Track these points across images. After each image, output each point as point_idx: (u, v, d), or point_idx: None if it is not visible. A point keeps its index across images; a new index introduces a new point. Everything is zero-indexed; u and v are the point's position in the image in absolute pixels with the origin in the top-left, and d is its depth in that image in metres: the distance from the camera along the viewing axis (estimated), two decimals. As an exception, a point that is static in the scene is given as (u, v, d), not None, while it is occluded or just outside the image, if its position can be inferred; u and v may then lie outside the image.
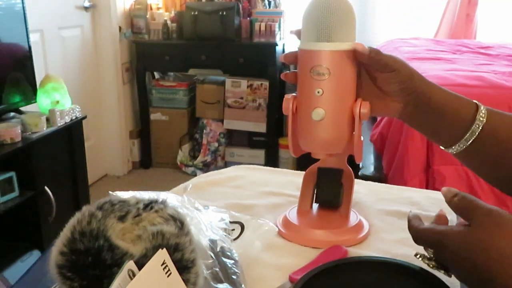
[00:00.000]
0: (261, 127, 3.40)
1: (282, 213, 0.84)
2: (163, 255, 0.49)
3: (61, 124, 2.19)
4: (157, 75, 3.66)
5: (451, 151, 0.67)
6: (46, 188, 2.10)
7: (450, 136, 0.66)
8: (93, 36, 3.23)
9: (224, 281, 0.60)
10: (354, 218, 0.81)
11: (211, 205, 0.84)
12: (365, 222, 0.82)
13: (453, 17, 3.62)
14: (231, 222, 0.77)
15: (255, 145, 3.51)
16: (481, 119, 0.63)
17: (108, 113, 3.38)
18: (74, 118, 2.28)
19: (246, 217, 0.81)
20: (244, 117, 3.41)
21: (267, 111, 3.36)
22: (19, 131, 1.98)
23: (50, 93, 2.19)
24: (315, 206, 0.85)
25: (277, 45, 3.28)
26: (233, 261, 0.65)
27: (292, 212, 0.84)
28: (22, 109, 2.22)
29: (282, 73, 0.75)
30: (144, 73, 3.47)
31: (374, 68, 0.66)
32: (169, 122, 3.50)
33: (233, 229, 0.76)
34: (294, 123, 0.71)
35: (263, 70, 3.30)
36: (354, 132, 0.69)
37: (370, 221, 0.83)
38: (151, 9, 3.52)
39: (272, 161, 3.42)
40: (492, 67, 2.53)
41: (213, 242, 0.65)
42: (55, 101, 2.20)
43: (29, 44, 2.18)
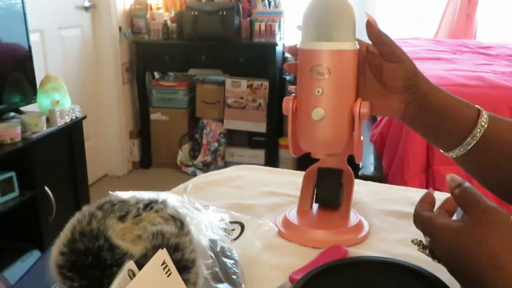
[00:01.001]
0: (261, 127, 3.40)
1: (282, 213, 0.84)
2: (163, 255, 0.49)
3: (61, 124, 2.19)
4: (157, 75, 3.66)
5: (451, 155, 0.67)
6: (46, 188, 2.10)
7: (450, 140, 0.66)
8: (93, 36, 3.23)
9: (224, 281, 0.60)
10: (354, 218, 0.81)
11: (211, 205, 0.84)
12: (365, 222, 0.82)
13: (453, 17, 3.62)
14: (231, 222, 0.77)
15: (255, 145, 3.51)
16: (483, 124, 0.63)
17: (108, 113, 3.38)
18: (74, 118, 2.28)
19: (246, 217, 0.81)
20: (244, 117, 3.41)
21: (267, 111, 3.36)
22: (19, 131, 1.98)
23: (50, 93, 2.19)
24: (315, 206, 0.85)
25: (277, 45, 3.28)
26: (233, 261, 0.65)
27: (292, 212, 0.84)
28: (22, 109, 2.22)
29: (285, 64, 0.75)
30: (144, 73, 3.47)
31: (381, 52, 0.65)
32: (169, 122, 3.51)
33: (233, 229, 0.76)
34: (294, 123, 0.71)
35: (263, 70, 3.30)
36: (354, 132, 0.69)
37: (370, 221, 0.83)
38: (151, 9, 3.52)
39: (272, 161, 3.42)
40: (492, 67, 2.53)
41: (213, 242, 0.65)
42: (55, 101, 2.20)
43: (29, 44, 2.18)
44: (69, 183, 2.34)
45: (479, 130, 0.63)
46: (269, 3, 3.53)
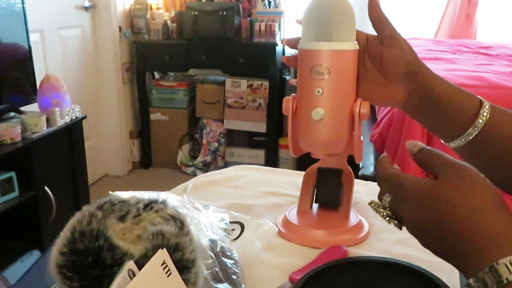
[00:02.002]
0: (261, 127, 3.40)
1: (282, 213, 0.84)
2: (163, 255, 0.49)
3: (61, 124, 2.19)
4: (157, 75, 3.65)
5: (452, 145, 0.67)
6: (46, 188, 2.10)
7: (452, 130, 0.65)
8: (93, 36, 3.23)
9: (224, 281, 0.60)
10: (354, 218, 0.81)
11: (211, 205, 0.84)
12: (365, 222, 0.82)
13: (453, 17, 3.62)
14: (231, 222, 0.77)
15: (255, 145, 3.51)
16: (485, 115, 0.63)
17: (108, 113, 3.38)
18: (74, 118, 2.28)
19: (246, 217, 0.81)
20: (244, 117, 3.41)
21: (267, 111, 3.36)
22: (19, 131, 1.97)
23: (50, 93, 2.19)
24: (315, 206, 0.85)
25: (277, 45, 3.28)
26: (233, 261, 0.65)
27: (292, 212, 0.84)
28: (22, 109, 2.22)
29: (283, 56, 0.74)
30: (144, 73, 3.47)
31: (381, 35, 0.65)
32: (169, 122, 3.50)
33: (233, 229, 0.76)
34: (294, 123, 0.71)
35: (263, 70, 3.30)
36: (354, 132, 0.69)
37: (370, 221, 0.83)
38: (151, 9, 3.52)
39: (272, 161, 3.42)
40: (492, 67, 2.53)
41: (213, 242, 0.65)
42: (55, 101, 2.20)
43: (29, 44, 2.18)
44: (69, 183, 2.34)
45: (480, 120, 0.63)
46: (269, 3, 3.53)
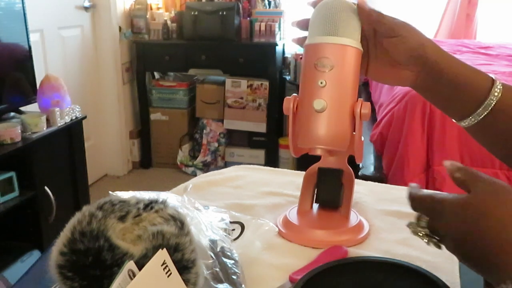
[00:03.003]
0: (261, 127, 3.40)
1: (282, 213, 0.84)
2: (163, 255, 0.49)
3: (61, 124, 2.19)
4: (157, 75, 3.65)
5: (463, 125, 0.66)
6: (46, 188, 2.10)
7: (462, 109, 0.65)
8: (93, 36, 3.23)
9: (224, 281, 0.60)
10: (354, 218, 0.81)
11: (211, 205, 0.84)
12: (365, 222, 0.82)
13: (453, 17, 3.62)
14: (231, 222, 0.77)
15: (255, 145, 3.51)
16: (496, 94, 0.62)
17: (108, 113, 3.38)
18: (74, 118, 2.28)
19: (246, 217, 0.81)
20: (244, 117, 3.41)
21: (267, 111, 3.36)
22: (19, 131, 1.97)
23: (50, 93, 2.19)
24: (315, 206, 0.85)
25: (277, 45, 3.28)
26: (233, 261, 0.65)
27: (292, 212, 0.84)
28: (22, 109, 2.22)
29: (292, 38, 0.73)
30: (144, 73, 3.47)
31: (378, 31, 0.65)
32: (169, 122, 3.50)
33: (233, 229, 0.76)
34: (294, 123, 0.71)
35: (263, 70, 3.30)
36: (354, 132, 0.69)
37: (370, 221, 0.83)
38: (151, 9, 3.52)
39: (272, 161, 3.42)
40: (492, 67, 2.53)
41: (213, 242, 0.65)
42: (55, 101, 2.20)
43: (29, 44, 2.18)
44: (69, 183, 2.34)
45: (491, 100, 0.62)
46: (269, 3, 3.53)
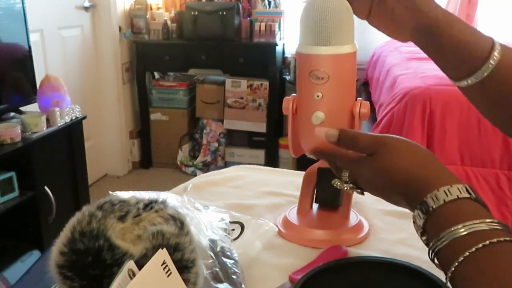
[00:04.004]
0: (261, 127, 3.40)
1: (282, 213, 0.84)
2: (163, 255, 0.49)
3: (61, 124, 2.19)
4: (157, 75, 3.66)
5: (458, 85, 0.66)
6: (46, 188, 2.10)
7: (460, 71, 0.64)
8: (93, 36, 3.23)
9: (224, 281, 0.60)
10: (354, 218, 0.81)
11: (211, 205, 0.84)
12: (365, 222, 0.82)
13: (453, 17, 3.62)
14: (231, 222, 0.77)
15: (255, 145, 3.51)
16: (495, 58, 0.61)
17: (108, 113, 3.38)
18: (74, 118, 2.27)
19: (246, 217, 0.81)
20: (244, 117, 3.41)
21: (267, 111, 3.36)
22: (19, 131, 1.97)
23: (50, 93, 2.19)
24: (315, 206, 0.85)
25: (277, 45, 3.28)
26: (233, 261, 0.65)
27: (292, 212, 0.84)
28: (22, 109, 2.22)
29: None
30: (144, 73, 3.47)
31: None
32: (169, 122, 3.50)
33: (233, 229, 0.76)
34: (294, 123, 0.71)
35: (263, 70, 3.30)
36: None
37: (370, 221, 0.83)
38: (151, 9, 3.52)
39: (272, 161, 3.42)
40: (492, 67, 2.52)
41: (213, 242, 0.65)
42: (55, 101, 2.20)
43: (29, 44, 2.18)
44: (69, 183, 2.34)
45: (490, 65, 0.61)
46: (269, 3, 3.53)
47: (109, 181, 3.41)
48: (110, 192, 0.65)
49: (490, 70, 0.62)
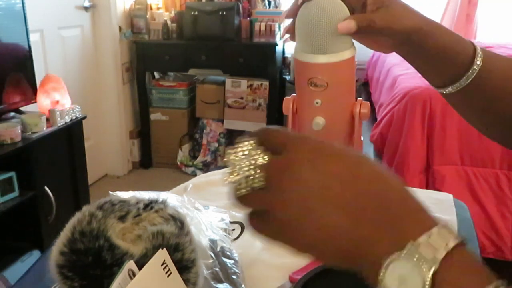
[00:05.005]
0: (261, 127, 3.40)
1: (282, 213, 0.84)
2: (163, 255, 0.49)
3: (61, 124, 2.19)
4: (157, 75, 3.66)
5: (441, 91, 0.66)
6: (46, 188, 2.10)
7: (443, 79, 0.64)
8: (93, 36, 3.23)
9: (224, 281, 0.60)
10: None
11: (211, 205, 0.84)
12: (365, 222, 0.82)
13: (453, 17, 3.62)
14: (231, 222, 0.77)
15: (255, 145, 3.50)
16: (478, 64, 0.62)
17: (108, 113, 3.38)
18: (74, 118, 2.28)
19: (246, 217, 0.81)
20: (244, 117, 3.41)
21: (267, 111, 3.36)
22: (19, 131, 1.97)
23: (50, 93, 2.19)
24: (315, 206, 0.85)
25: (277, 45, 3.28)
26: (233, 261, 0.65)
27: (292, 212, 0.83)
28: (22, 109, 2.22)
29: (283, 29, 0.68)
30: (144, 73, 3.47)
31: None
32: (169, 122, 3.50)
33: (233, 229, 0.76)
34: (294, 123, 0.71)
35: (263, 70, 3.30)
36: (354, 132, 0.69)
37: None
38: (151, 9, 3.52)
39: (272, 161, 3.42)
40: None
41: (213, 242, 0.65)
42: (55, 101, 2.20)
43: (29, 44, 2.18)
44: (69, 183, 2.34)
45: (473, 70, 0.62)
46: (269, 3, 3.53)
47: (109, 181, 3.41)
48: (110, 192, 0.65)
49: (473, 76, 0.62)
